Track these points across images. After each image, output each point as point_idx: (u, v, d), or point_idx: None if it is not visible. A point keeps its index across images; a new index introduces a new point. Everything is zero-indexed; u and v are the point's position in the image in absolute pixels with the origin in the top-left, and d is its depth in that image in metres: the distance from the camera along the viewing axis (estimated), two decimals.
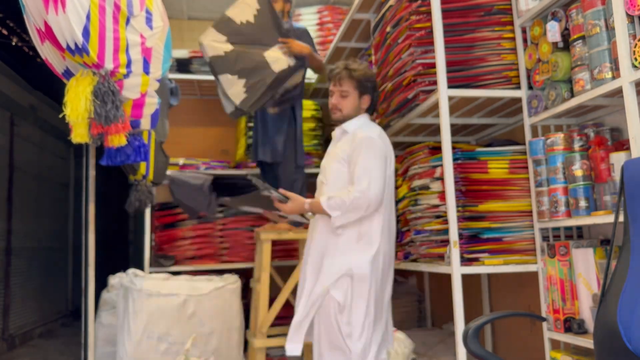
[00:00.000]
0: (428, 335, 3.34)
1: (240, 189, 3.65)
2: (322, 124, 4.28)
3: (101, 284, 3.20)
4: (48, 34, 1.81)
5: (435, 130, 2.99)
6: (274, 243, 3.79)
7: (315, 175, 2.63)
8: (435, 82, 2.37)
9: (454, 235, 2.20)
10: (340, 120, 2.40)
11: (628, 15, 1.72)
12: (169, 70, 2.72)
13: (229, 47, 3.11)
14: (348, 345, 2.12)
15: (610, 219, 1.82)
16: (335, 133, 2.43)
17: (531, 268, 2.27)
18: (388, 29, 2.72)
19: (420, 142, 2.74)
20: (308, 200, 2.27)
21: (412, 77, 2.46)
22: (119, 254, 7.72)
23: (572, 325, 1.99)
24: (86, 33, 1.80)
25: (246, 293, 3.77)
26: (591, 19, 1.87)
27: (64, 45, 1.80)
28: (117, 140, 1.97)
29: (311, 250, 2.33)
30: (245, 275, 3.81)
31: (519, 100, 2.38)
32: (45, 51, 1.99)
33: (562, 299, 2.04)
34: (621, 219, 1.27)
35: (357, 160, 2.19)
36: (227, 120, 4.55)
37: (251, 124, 4.09)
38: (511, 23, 2.38)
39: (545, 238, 2.28)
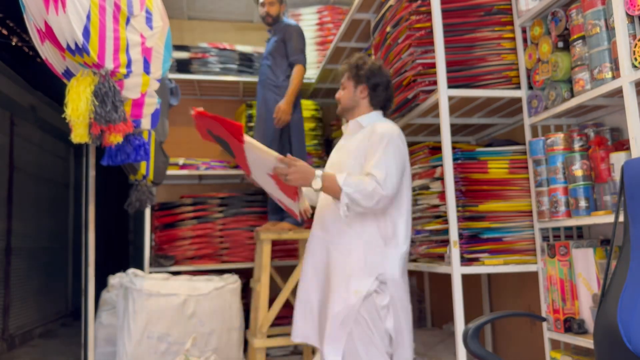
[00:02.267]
0: (428, 335, 3.34)
1: None
2: (322, 124, 4.28)
3: (101, 284, 3.20)
4: (48, 34, 1.81)
5: (435, 130, 3.00)
6: (274, 243, 3.80)
7: None
8: (435, 82, 2.37)
9: (454, 235, 2.20)
10: (342, 113, 2.34)
11: (628, 15, 1.72)
12: (169, 70, 2.72)
13: None
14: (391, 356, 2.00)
15: (610, 219, 1.82)
16: (349, 126, 2.30)
17: (531, 268, 2.27)
18: (388, 29, 2.72)
19: (420, 142, 2.74)
20: (318, 172, 1.97)
21: (412, 77, 2.46)
22: (119, 254, 7.72)
23: (572, 325, 1.99)
24: (86, 33, 1.80)
25: (246, 293, 3.77)
26: (591, 19, 1.87)
27: (64, 45, 1.80)
28: (116, 139, 1.96)
29: (323, 250, 2.16)
30: (245, 275, 3.82)
31: (519, 100, 2.39)
32: (46, 51, 1.99)
33: (562, 299, 2.04)
34: (621, 219, 1.27)
35: (375, 153, 2.04)
36: None
37: (251, 124, 4.10)
38: (511, 23, 2.38)
39: (545, 238, 2.28)
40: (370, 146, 2.09)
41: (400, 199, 2.11)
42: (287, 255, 4.01)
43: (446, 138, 2.25)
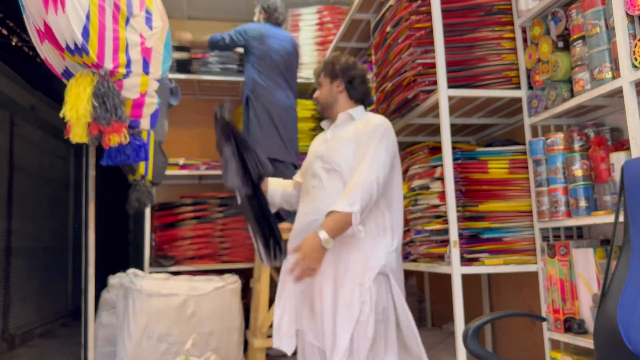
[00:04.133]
0: (428, 335, 3.33)
1: None
2: None
3: (101, 284, 3.20)
4: (48, 34, 1.81)
5: (435, 130, 2.99)
6: None
7: None
8: (435, 82, 2.37)
9: (454, 235, 2.20)
10: (322, 112, 2.29)
11: (628, 15, 1.72)
12: (168, 70, 2.72)
13: None
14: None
15: (610, 219, 1.82)
16: (338, 118, 2.21)
17: (531, 268, 2.27)
18: (388, 29, 2.72)
19: (420, 142, 2.74)
20: (320, 231, 1.89)
21: (412, 77, 2.46)
22: (119, 254, 7.72)
23: (572, 325, 1.99)
24: (86, 33, 1.80)
25: (246, 293, 3.77)
26: (591, 19, 1.87)
27: (64, 45, 1.80)
28: (115, 139, 1.96)
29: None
30: (245, 275, 3.81)
31: (519, 100, 2.38)
32: (45, 51, 1.99)
33: (562, 299, 2.03)
34: (621, 219, 1.27)
35: (370, 144, 2.02)
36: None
37: None
38: (511, 23, 2.38)
39: (545, 238, 2.28)
40: (367, 134, 2.05)
41: (391, 192, 2.08)
42: None
43: (446, 138, 2.25)
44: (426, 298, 3.86)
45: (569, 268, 2.05)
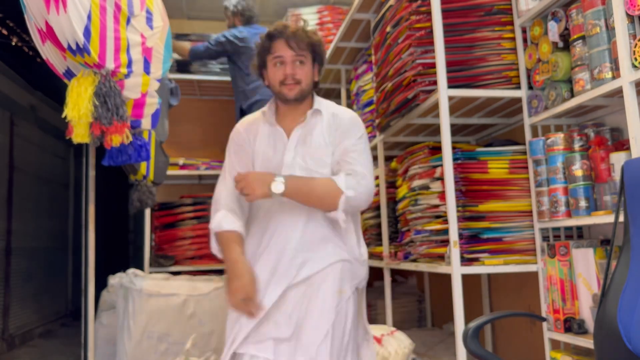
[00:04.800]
0: (428, 335, 3.34)
1: None
2: None
3: (101, 284, 3.20)
4: (49, 34, 1.81)
5: (435, 130, 3.00)
6: None
7: None
8: (435, 82, 2.37)
9: (454, 235, 2.20)
10: (298, 99, 1.75)
11: (628, 15, 1.72)
12: (169, 70, 2.73)
13: None
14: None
15: (610, 219, 1.83)
16: (309, 117, 1.76)
17: (531, 268, 2.27)
18: (388, 29, 2.72)
19: (420, 142, 2.75)
20: (278, 177, 1.60)
21: (412, 77, 2.46)
22: (119, 254, 7.72)
23: (572, 325, 1.99)
24: (87, 33, 1.80)
25: None
26: (591, 19, 1.87)
27: (65, 45, 1.80)
28: (117, 139, 1.96)
29: (293, 243, 1.69)
30: None
31: (519, 100, 2.39)
32: (47, 51, 2.00)
33: (562, 299, 2.04)
34: (621, 219, 1.28)
35: (355, 146, 1.71)
36: (227, 120, 4.56)
37: None
38: (511, 23, 2.38)
39: (545, 238, 2.28)
40: (343, 133, 1.74)
41: None
42: None
43: (446, 138, 2.25)
44: (426, 298, 3.86)
45: (569, 268, 2.05)
